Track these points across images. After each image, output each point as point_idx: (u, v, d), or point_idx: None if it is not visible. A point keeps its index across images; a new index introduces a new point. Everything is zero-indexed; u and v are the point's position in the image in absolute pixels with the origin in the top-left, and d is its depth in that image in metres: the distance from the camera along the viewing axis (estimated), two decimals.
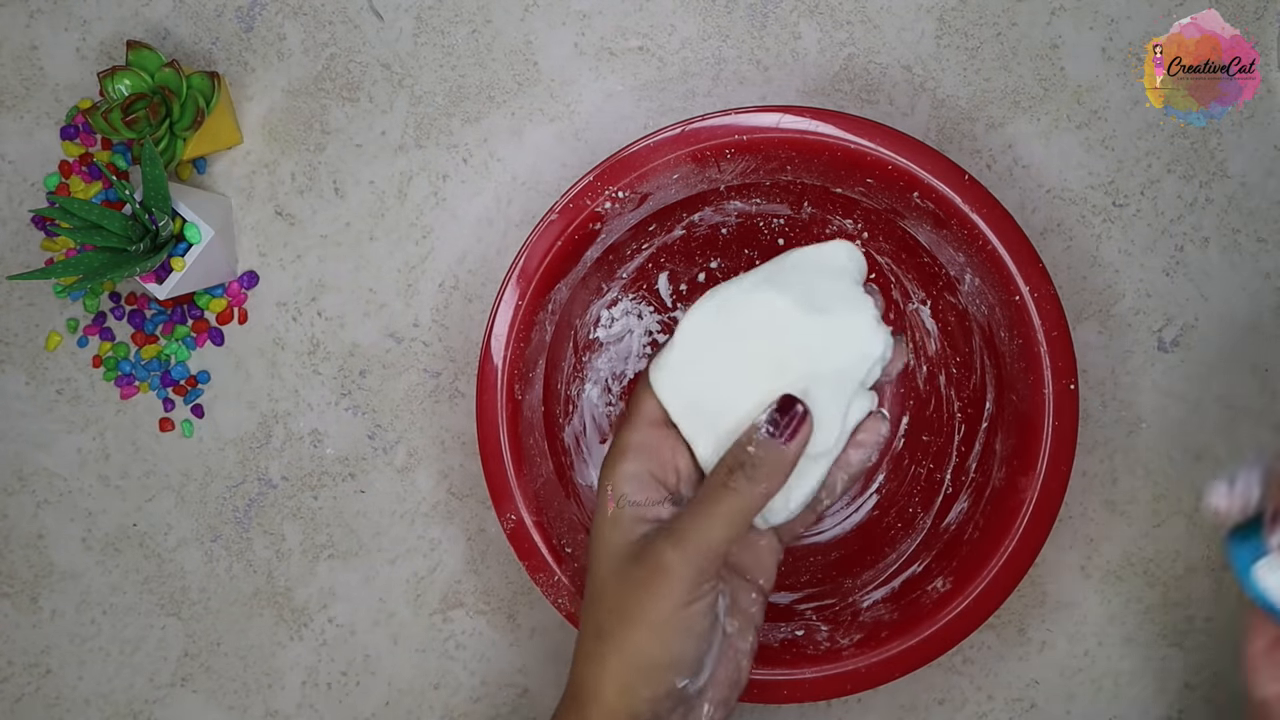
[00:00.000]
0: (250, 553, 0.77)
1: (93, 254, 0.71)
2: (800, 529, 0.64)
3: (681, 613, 0.56)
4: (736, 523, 0.57)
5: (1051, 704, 0.75)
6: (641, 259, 0.74)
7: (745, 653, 0.60)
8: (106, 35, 0.77)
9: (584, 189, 0.66)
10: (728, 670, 0.60)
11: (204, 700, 0.77)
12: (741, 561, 0.61)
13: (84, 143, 0.77)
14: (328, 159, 0.77)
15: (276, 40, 0.77)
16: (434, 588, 0.77)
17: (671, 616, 0.56)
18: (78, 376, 0.77)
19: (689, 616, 0.56)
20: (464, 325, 0.76)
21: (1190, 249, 0.75)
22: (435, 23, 0.76)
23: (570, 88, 0.76)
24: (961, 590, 0.66)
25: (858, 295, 0.60)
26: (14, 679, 0.78)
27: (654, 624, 0.56)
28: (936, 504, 0.72)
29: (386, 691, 0.77)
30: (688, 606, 0.56)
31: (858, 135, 0.65)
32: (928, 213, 0.66)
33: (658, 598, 0.56)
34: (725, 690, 0.60)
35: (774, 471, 0.57)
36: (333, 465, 0.77)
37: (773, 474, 0.57)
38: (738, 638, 0.60)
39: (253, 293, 0.77)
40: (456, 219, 0.76)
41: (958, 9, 0.75)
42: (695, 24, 0.76)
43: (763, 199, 0.71)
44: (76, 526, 0.77)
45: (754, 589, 0.61)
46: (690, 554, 0.56)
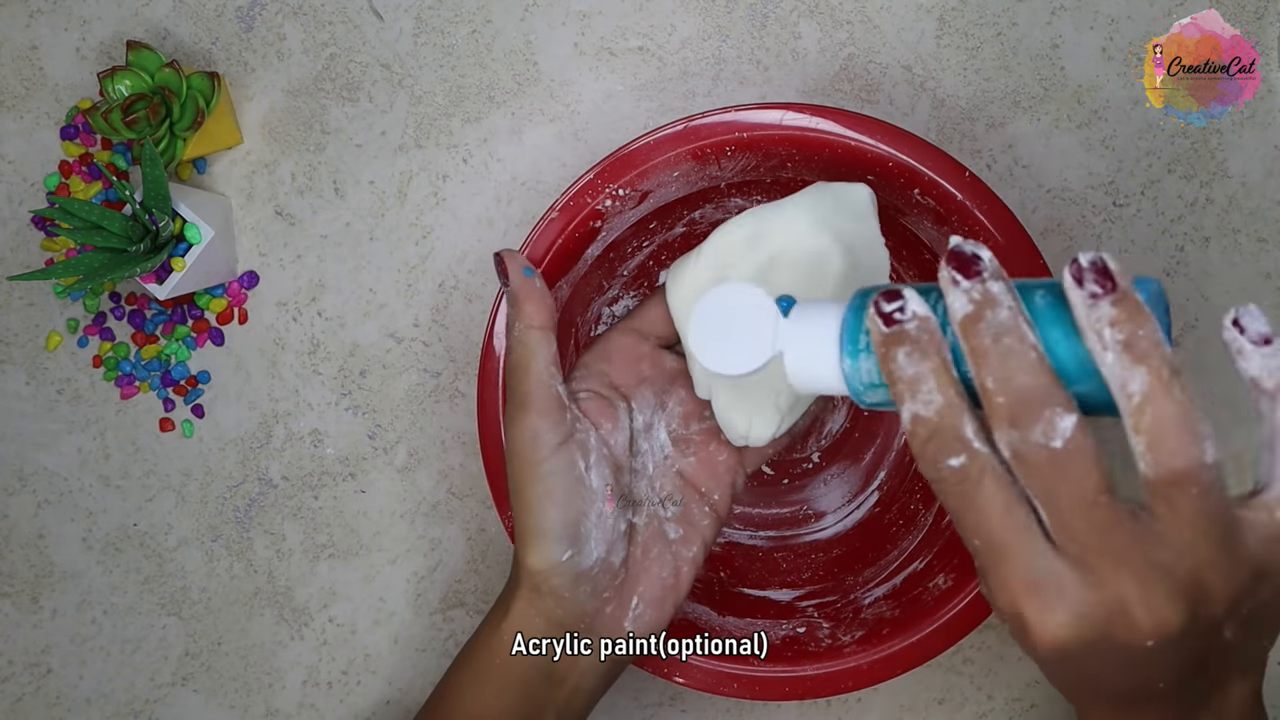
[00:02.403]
0: (251, 552, 0.77)
1: (93, 254, 0.71)
2: (770, 451, 0.67)
3: (535, 469, 0.59)
4: (529, 366, 0.60)
5: (1051, 704, 0.75)
6: (642, 257, 0.74)
7: (688, 560, 0.63)
8: (106, 35, 0.77)
9: (584, 187, 0.66)
10: (661, 570, 0.62)
11: (204, 700, 0.77)
12: (697, 477, 0.64)
13: (84, 143, 0.77)
14: (328, 159, 0.77)
15: (276, 40, 0.77)
16: (434, 587, 0.77)
17: (524, 472, 0.59)
18: (78, 376, 0.77)
19: (542, 472, 0.59)
20: (464, 325, 0.76)
21: (1190, 249, 0.75)
22: (435, 23, 0.76)
23: (570, 88, 0.76)
24: (963, 587, 0.66)
25: (879, 244, 0.62)
26: (14, 679, 0.78)
27: (516, 487, 0.60)
28: (938, 501, 0.72)
29: (387, 691, 0.77)
30: (537, 460, 0.59)
31: (859, 132, 0.65)
32: (929, 210, 0.66)
33: (511, 463, 0.60)
34: (657, 590, 0.62)
35: (516, 308, 0.61)
36: (333, 465, 0.77)
37: (517, 310, 0.61)
38: (681, 544, 0.63)
39: (253, 293, 0.77)
40: (456, 219, 0.76)
41: (958, 9, 0.75)
42: (695, 24, 0.76)
43: (763, 196, 0.71)
44: (77, 526, 0.77)
45: (707, 503, 0.64)
46: (511, 411, 0.60)
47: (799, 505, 0.76)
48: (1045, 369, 0.46)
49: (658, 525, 0.63)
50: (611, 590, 0.61)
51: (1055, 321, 0.47)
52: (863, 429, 0.76)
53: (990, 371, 0.46)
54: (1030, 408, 0.45)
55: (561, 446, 0.59)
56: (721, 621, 0.70)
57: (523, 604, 0.60)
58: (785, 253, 0.62)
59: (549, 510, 0.59)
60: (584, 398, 0.63)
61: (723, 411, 0.63)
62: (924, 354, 0.47)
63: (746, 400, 0.63)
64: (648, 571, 0.62)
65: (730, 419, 0.63)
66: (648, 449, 0.64)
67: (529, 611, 0.60)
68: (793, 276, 0.61)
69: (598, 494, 0.60)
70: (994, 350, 0.46)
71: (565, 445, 0.60)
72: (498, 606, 0.62)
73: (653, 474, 0.64)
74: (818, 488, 0.76)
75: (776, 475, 0.76)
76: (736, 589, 0.73)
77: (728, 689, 0.67)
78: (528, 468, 0.59)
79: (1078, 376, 0.47)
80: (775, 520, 0.76)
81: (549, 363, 0.61)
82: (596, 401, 0.63)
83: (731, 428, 0.63)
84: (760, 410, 0.62)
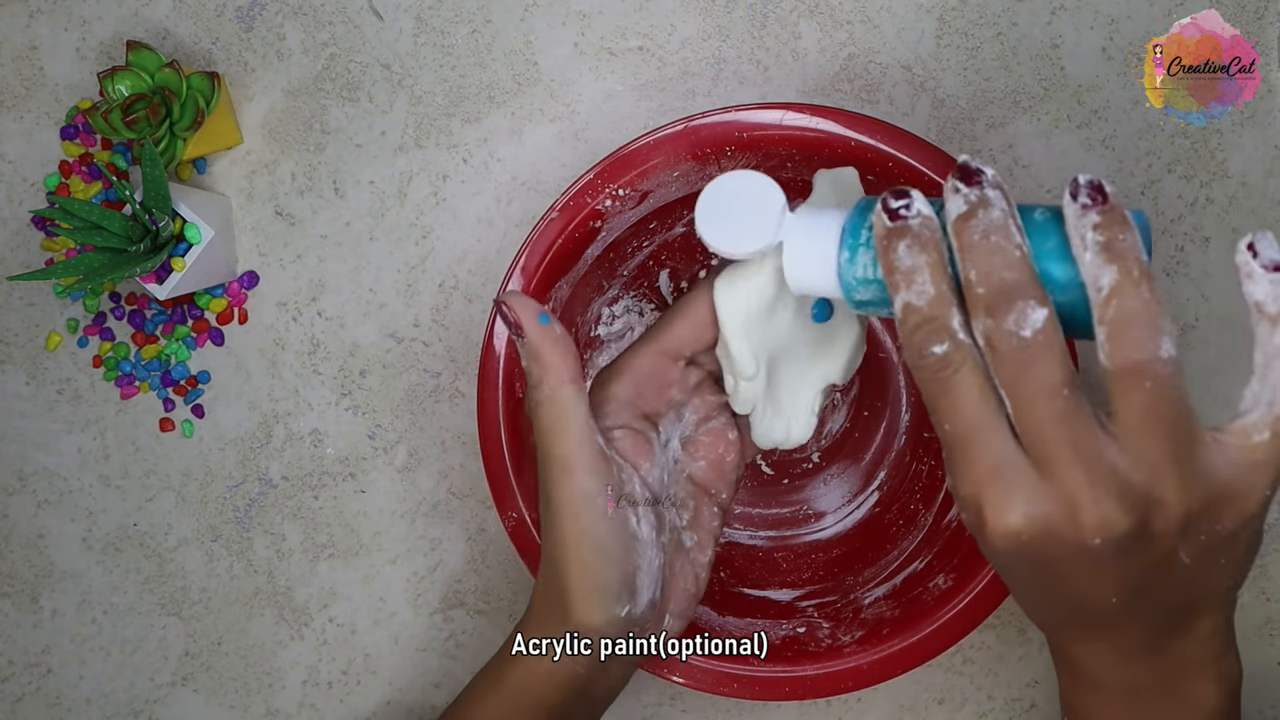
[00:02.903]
0: (251, 552, 0.77)
1: (93, 254, 0.71)
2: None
3: (591, 532, 0.57)
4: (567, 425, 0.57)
5: (1051, 704, 0.75)
6: (642, 256, 0.74)
7: (704, 565, 0.62)
8: (106, 35, 0.77)
9: (584, 187, 0.66)
10: (685, 583, 0.62)
11: (205, 699, 0.77)
12: (707, 478, 0.63)
13: (84, 143, 0.77)
14: (328, 159, 0.77)
15: (276, 40, 0.77)
16: (434, 587, 0.77)
17: (578, 535, 0.57)
18: (78, 376, 0.77)
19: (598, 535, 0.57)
20: (464, 325, 0.76)
21: (1190, 249, 0.75)
22: (435, 23, 0.76)
23: (570, 88, 0.76)
24: (963, 587, 0.66)
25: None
26: (14, 679, 0.78)
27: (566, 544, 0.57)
28: (938, 501, 0.72)
29: (387, 691, 0.77)
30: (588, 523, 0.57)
31: (859, 132, 0.65)
32: None
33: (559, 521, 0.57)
34: (684, 603, 0.62)
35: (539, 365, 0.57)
36: (333, 465, 0.77)
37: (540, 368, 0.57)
38: (697, 551, 0.62)
39: (253, 293, 0.77)
40: (456, 219, 0.76)
41: (958, 9, 0.75)
42: (695, 24, 0.76)
43: None
44: (77, 526, 0.77)
45: (715, 503, 0.63)
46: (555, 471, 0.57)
47: (799, 505, 0.76)
48: (1026, 266, 0.48)
49: (677, 537, 0.62)
50: (652, 620, 0.60)
51: (1049, 235, 0.50)
52: (863, 429, 0.76)
53: (974, 264, 0.48)
54: (1006, 298, 0.48)
55: (616, 509, 0.57)
56: (721, 621, 0.70)
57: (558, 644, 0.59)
58: None
59: (609, 571, 0.57)
60: (618, 437, 0.60)
61: (763, 424, 0.61)
62: (923, 248, 0.49)
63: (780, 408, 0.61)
64: (676, 587, 0.61)
65: (769, 427, 0.61)
66: (665, 461, 0.62)
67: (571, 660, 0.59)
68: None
69: (647, 543, 0.59)
70: (981, 245, 0.48)
71: (619, 507, 0.57)
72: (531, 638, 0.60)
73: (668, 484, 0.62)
74: (818, 488, 0.76)
75: (776, 475, 0.76)
76: (736, 589, 0.73)
77: (728, 689, 0.67)
78: (582, 530, 0.57)
79: (1063, 287, 0.49)
80: (775, 520, 0.76)
81: (587, 419, 0.57)
82: (632, 439, 0.60)
83: (769, 436, 0.61)
84: (797, 415, 0.61)
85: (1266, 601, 0.75)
